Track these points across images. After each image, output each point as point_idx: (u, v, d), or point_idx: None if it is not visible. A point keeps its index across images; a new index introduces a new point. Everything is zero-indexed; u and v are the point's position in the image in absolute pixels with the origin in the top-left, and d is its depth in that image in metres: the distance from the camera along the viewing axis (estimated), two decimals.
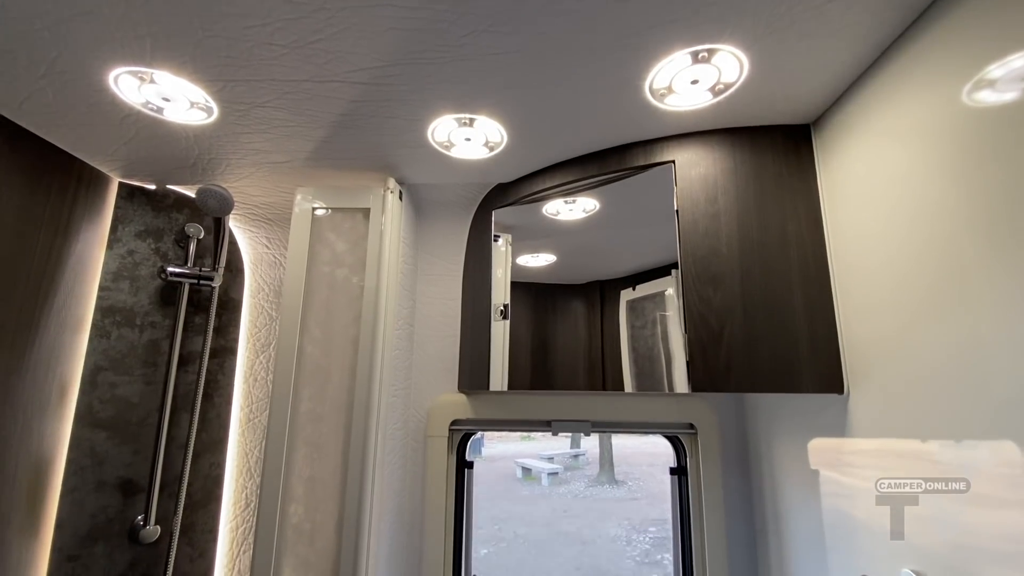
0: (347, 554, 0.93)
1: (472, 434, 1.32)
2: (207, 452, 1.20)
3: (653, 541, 5.06)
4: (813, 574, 0.94)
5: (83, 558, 1.04)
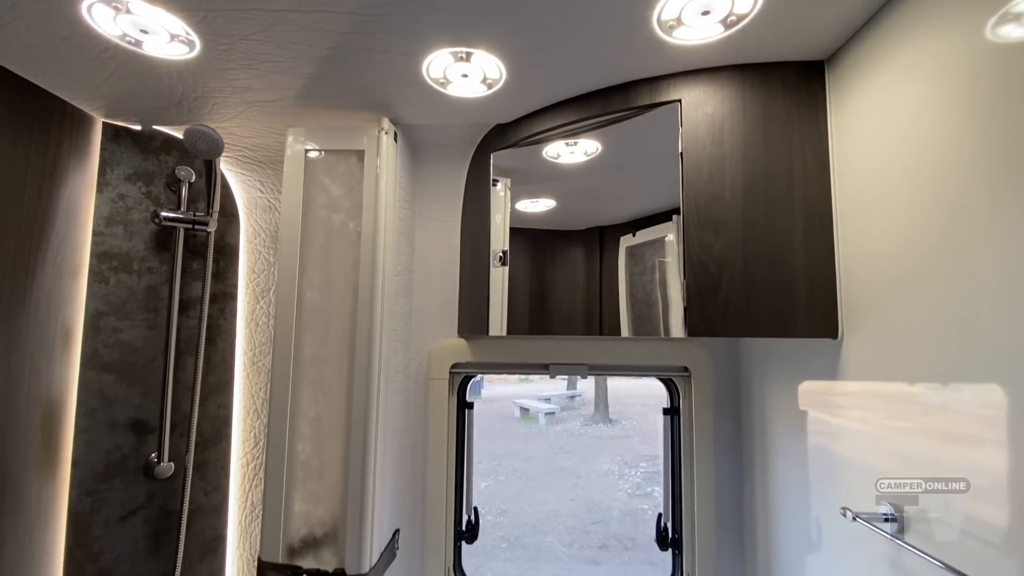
0: (354, 488, 0.98)
1: (472, 377, 1.35)
2: (214, 394, 1.24)
3: (644, 475, 5.34)
4: (795, 507, 1.00)
5: (102, 492, 1.09)
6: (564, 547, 3.84)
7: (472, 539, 1.34)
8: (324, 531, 1.01)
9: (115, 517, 1.10)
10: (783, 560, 1.04)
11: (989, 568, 0.58)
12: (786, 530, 1.04)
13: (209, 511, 1.22)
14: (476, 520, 1.34)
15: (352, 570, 0.97)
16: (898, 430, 0.75)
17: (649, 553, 3.68)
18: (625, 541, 3.94)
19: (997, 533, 0.59)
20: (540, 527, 4.16)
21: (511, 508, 4.54)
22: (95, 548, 1.07)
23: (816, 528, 0.93)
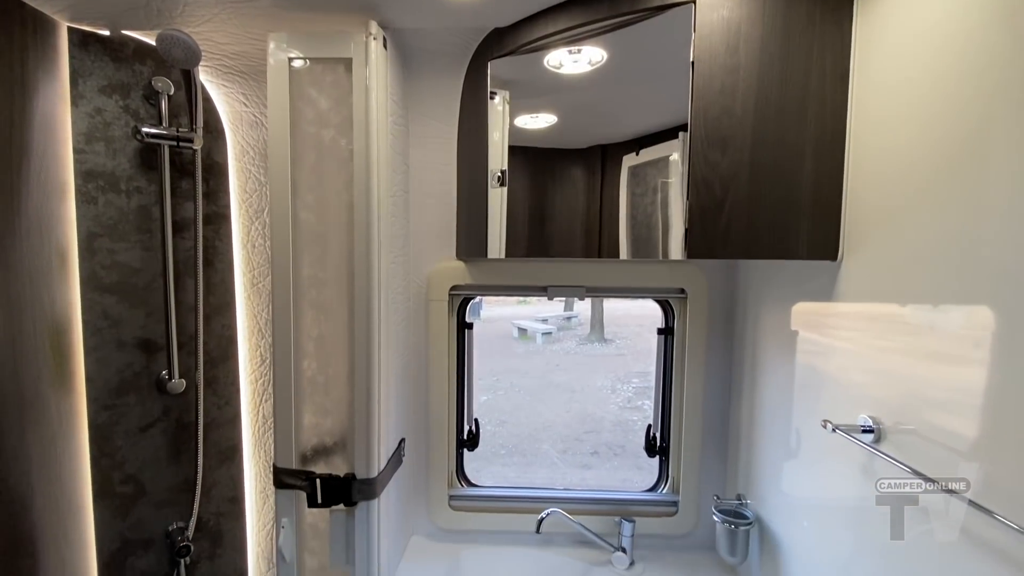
0: (360, 402, 1.03)
1: (471, 299, 1.37)
2: (217, 315, 1.26)
3: (635, 390, 5.61)
4: (778, 419, 1.06)
5: (119, 407, 1.14)
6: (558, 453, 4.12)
7: (473, 447, 1.43)
8: (334, 440, 1.07)
9: (134, 429, 1.16)
10: (762, 466, 1.12)
11: (952, 472, 0.63)
12: (768, 440, 1.10)
13: (223, 423, 1.29)
14: (477, 430, 1.43)
15: (362, 474, 1.04)
16: (884, 350, 0.78)
17: (637, 459, 3.96)
18: (615, 448, 4.23)
19: (964, 442, 0.63)
20: (536, 436, 4.44)
21: (510, 419, 4.81)
22: (118, 457, 1.14)
23: (796, 438, 0.99)
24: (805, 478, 0.97)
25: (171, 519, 1.22)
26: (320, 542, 1.08)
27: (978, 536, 0.60)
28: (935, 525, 0.66)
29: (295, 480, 1.04)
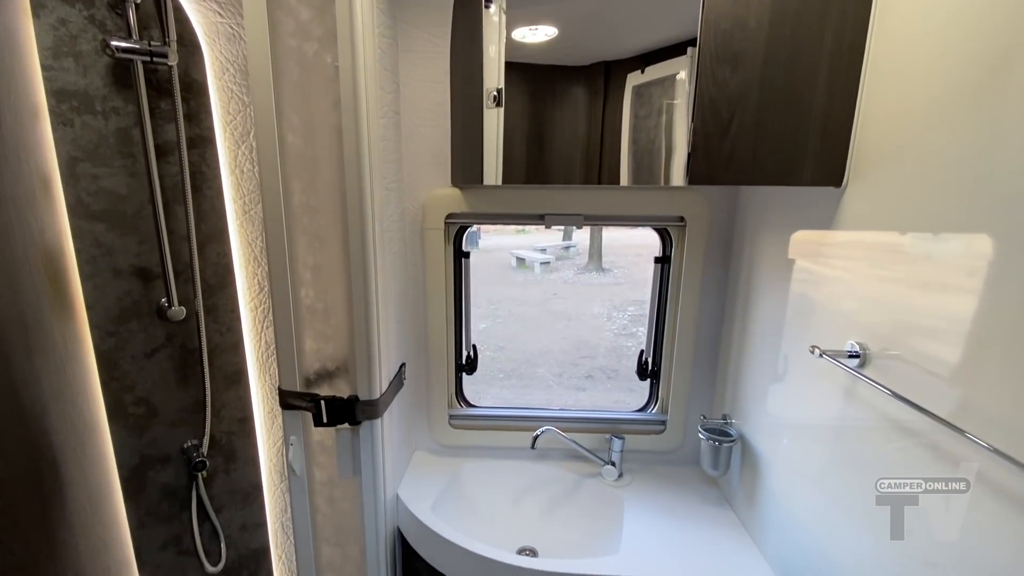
0: (359, 329, 1.05)
1: (467, 227, 1.35)
2: (210, 243, 1.24)
3: (631, 318, 5.73)
4: (767, 345, 1.09)
5: (122, 333, 1.16)
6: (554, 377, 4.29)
7: (472, 371, 1.48)
8: (336, 365, 1.10)
9: (140, 354, 1.19)
10: (749, 389, 1.17)
11: (933, 397, 0.65)
12: (756, 365, 1.14)
13: (227, 349, 1.32)
14: (475, 355, 1.47)
15: (364, 396, 1.08)
16: (878, 278, 0.78)
17: (629, 382, 4.13)
18: (608, 372, 4.39)
19: (947, 368, 0.65)
20: (533, 361, 4.59)
21: (507, 345, 4.95)
22: (127, 381, 1.18)
23: (784, 363, 1.02)
24: (789, 400, 1.02)
25: (185, 438, 1.28)
26: (328, 457, 1.15)
27: (947, 452, 0.63)
28: (907, 443, 0.70)
29: (300, 402, 1.08)
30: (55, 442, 1.03)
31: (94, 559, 1.14)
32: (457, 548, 1.09)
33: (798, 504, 0.97)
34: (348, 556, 1.20)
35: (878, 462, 0.76)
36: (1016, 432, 0.55)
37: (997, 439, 0.55)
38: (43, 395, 1.01)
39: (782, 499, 1.02)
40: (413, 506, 1.20)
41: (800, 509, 0.96)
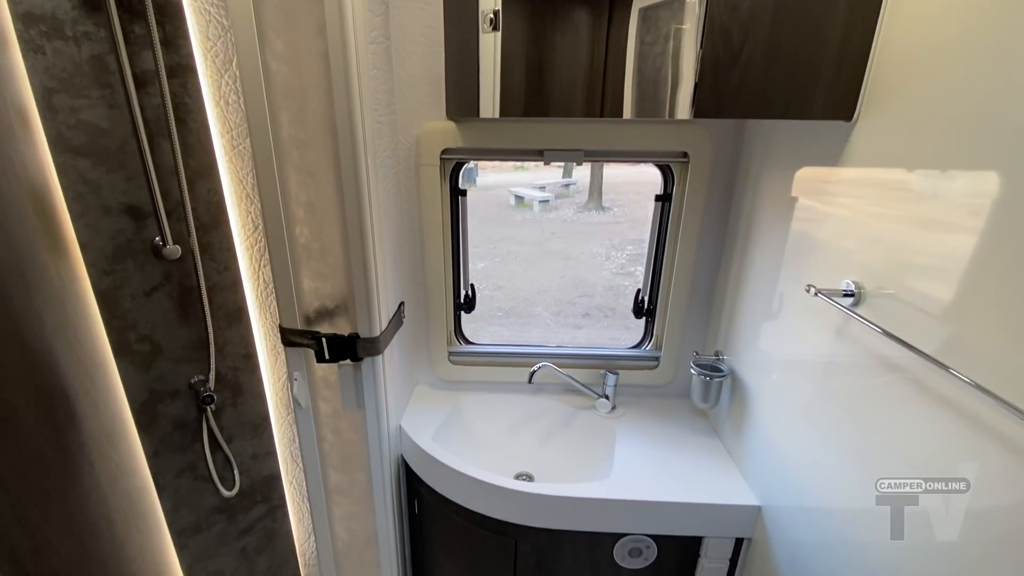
0: (357, 268, 1.05)
1: (464, 163, 1.32)
2: (200, 179, 1.21)
3: (629, 257, 5.73)
4: (763, 284, 1.09)
5: (119, 272, 1.16)
6: (551, 316, 4.35)
7: (470, 309, 1.50)
8: (335, 303, 1.11)
9: (139, 293, 1.19)
10: (742, 326, 1.19)
11: (921, 335, 0.66)
12: (750, 303, 1.15)
13: (226, 287, 1.32)
14: (473, 294, 1.48)
15: (364, 334, 1.10)
16: (880, 217, 0.77)
17: (625, 320, 4.20)
18: (605, 311, 4.46)
19: (938, 306, 0.65)
20: (531, 300, 4.64)
21: (506, 285, 4.99)
22: (129, 319, 1.19)
23: (778, 301, 1.03)
24: (781, 337, 1.04)
25: (191, 373, 1.31)
26: (332, 392, 1.19)
27: (932, 389, 0.66)
28: (892, 378, 0.72)
29: (301, 339, 1.10)
30: (63, 377, 1.06)
31: (114, 484, 1.20)
32: (458, 474, 1.15)
33: (782, 435, 1.02)
34: (355, 481, 1.27)
35: (861, 397, 0.79)
36: (999, 368, 0.56)
37: (979, 375, 0.56)
38: (46, 332, 1.02)
39: (767, 430, 1.07)
40: (416, 436, 1.26)
41: (783, 439, 1.01)
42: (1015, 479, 0.54)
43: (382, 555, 1.33)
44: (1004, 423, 0.55)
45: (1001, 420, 0.55)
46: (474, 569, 1.27)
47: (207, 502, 1.43)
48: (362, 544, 1.33)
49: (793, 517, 0.96)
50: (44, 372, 1.03)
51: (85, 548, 1.13)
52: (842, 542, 0.82)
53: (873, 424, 0.76)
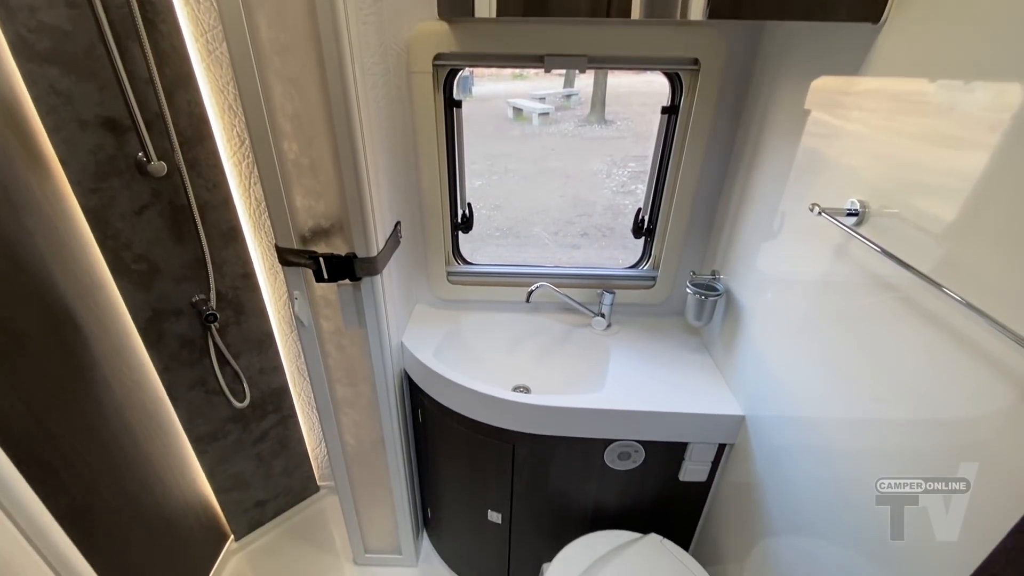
0: (349, 184, 1.01)
1: (458, 71, 1.23)
2: (178, 89, 1.14)
3: (630, 175, 5.58)
4: (767, 202, 1.07)
5: (105, 191, 1.12)
6: (549, 235, 4.33)
7: (467, 229, 1.48)
8: (330, 223, 1.09)
9: (129, 212, 1.17)
10: (741, 246, 1.19)
11: (919, 255, 0.66)
12: (752, 221, 1.14)
13: (217, 205, 1.29)
14: (470, 214, 1.46)
15: (362, 253, 1.09)
16: (893, 132, 0.73)
17: (624, 240, 4.19)
18: (604, 231, 4.43)
19: (940, 226, 0.64)
20: (529, 219, 4.59)
21: (504, 204, 4.90)
22: (122, 239, 1.18)
23: (780, 220, 1.02)
24: (779, 257, 1.04)
25: (192, 293, 1.33)
26: (332, 310, 1.21)
27: (924, 308, 0.67)
28: (884, 297, 0.73)
29: (299, 259, 1.10)
30: (64, 295, 1.07)
31: (130, 397, 1.26)
32: (459, 387, 1.20)
33: (770, 350, 1.05)
34: (360, 393, 1.33)
35: (852, 315, 0.80)
36: (991, 288, 0.56)
37: (971, 295, 0.57)
38: (41, 252, 1.02)
39: (757, 346, 1.11)
40: (417, 353, 1.30)
41: (771, 354, 1.05)
42: (996, 393, 0.56)
43: (389, 459, 1.43)
44: (991, 341, 0.56)
45: (988, 338, 0.57)
46: (475, 470, 1.37)
47: (220, 413, 1.51)
48: (369, 449, 1.42)
49: (773, 425, 1.02)
50: (45, 291, 1.03)
51: (110, 455, 1.21)
52: (816, 446, 0.88)
53: (861, 341, 0.78)
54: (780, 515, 0.99)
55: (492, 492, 1.37)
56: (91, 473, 1.13)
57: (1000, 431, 0.54)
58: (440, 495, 1.55)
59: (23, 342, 0.98)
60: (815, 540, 0.87)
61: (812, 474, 0.89)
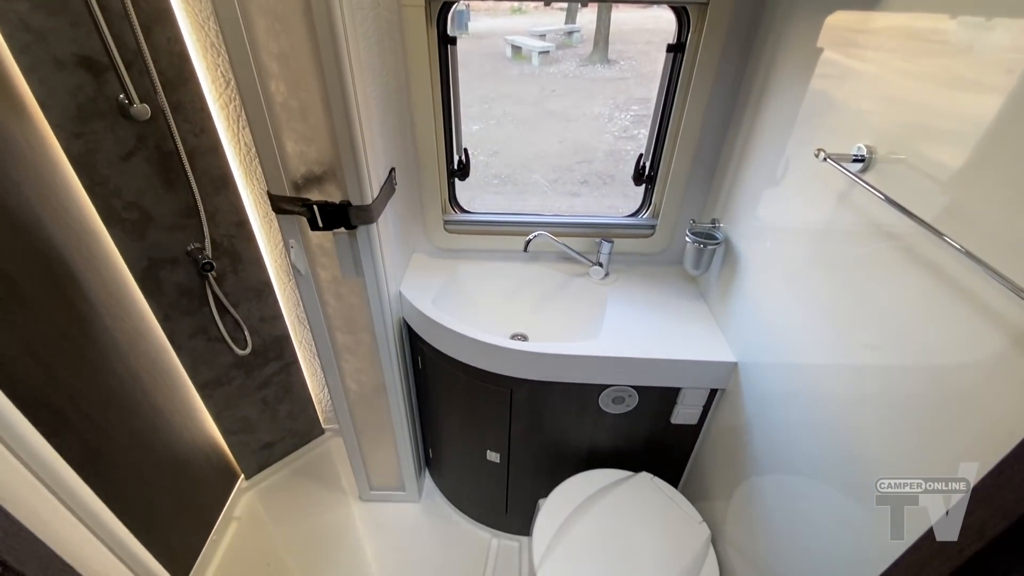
0: (340, 128, 0.98)
1: (452, 3, 1.16)
2: (155, 24, 1.08)
3: (633, 119, 5.41)
4: (772, 147, 1.04)
5: (88, 135, 1.09)
6: (549, 183, 4.25)
7: (464, 176, 1.45)
8: (323, 169, 1.06)
9: (115, 158, 1.14)
10: (743, 194, 1.17)
11: (923, 203, 0.65)
12: (755, 169, 1.11)
13: (206, 151, 1.26)
14: (467, 160, 1.42)
15: (356, 201, 1.07)
16: (907, 73, 0.70)
17: (624, 188, 4.12)
18: (604, 178, 4.34)
19: (946, 173, 0.63)
20: (528, 166, 4.49)
21: (502, 150, 4.78)
22: (111, 185, 1.15)
23: (784, 166, 1.00)
24: (781, 204, 1.02)
25: (187, 241, 1.32)
26: (329, 259, 1.20)
27: (923, 257, 0.66)
28: (883, 246, 0.73)
29: (292, 206, 1.08)
30: (57, 245, 1.06)
31: (133, 345, 1.28)
32: (457, 335, 1.22)
33: (766, 298, 1.06)
34: (361, 341, 1.35)
35: (849, 264, 0.80)
36: (994, 237, 0.56)
37: (972, 244, 0.56)
38: (29, 199, 1.00)
39: (753, 294, 1.11)
40: (416, 301, 1.31)
41: (767, 302, 1.05)
42: (987, 341, 0.57)
43: (391, 404, 1.47)
44: (986, 290, 0.56)
45: (983, 287, 0.57)
46: (474, 414, 1.41)
47: (223, 360, 1.54)
48: (372, 394, 1.46)
49: (765, 372, 1.05)
50: (36, 239, 1.02)
51: (117, 399, 1.24)
52: (804, 392, 0.90)
53: (856, 289, 0.79)
54: (765, 456, 1.03)
55: (491, 434, 1.42)
56: (100, 417, 1.17)
57: (989, 377, 0.56)
58: (441, 437, 1.61)
59: (20, 292, 0.98)
60: (797, 479, 0.91)
61: (798, 419, 0.92)
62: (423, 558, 1.64)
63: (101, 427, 1.17)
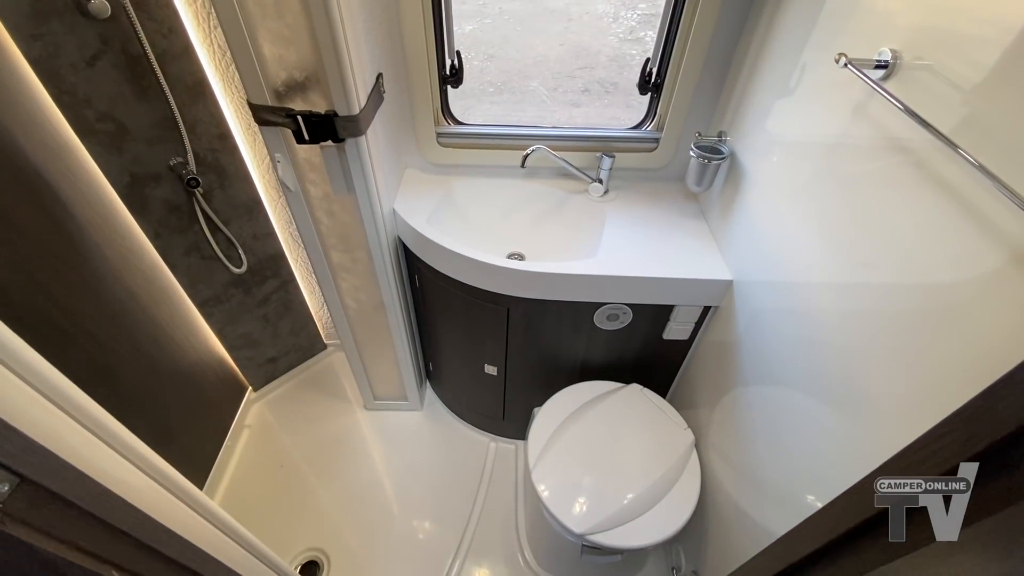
0: (321, 27, 0.90)
1: None
2: None
3: (640, 18, 4.98)
4: (788, 53, 0.97)
5: (46, 36, 0.99)
6: (548, 91, 4.01)
7: (457, 83, 1.35)
8: (304, 75, 0.99)
9: (80, 63, 1.05)
10: (753, 104, 1.10)
11: (944, 113, 0.61)
12: (768, 76, 1.04)
13: (178, 55, 1.16)
14: (460, 64, 1.32)
15: (343, 111, 1.01)
16: None
17: (628, 97, 3.90)
18: (607, 86, 4.09)
19: (968, 81, 0.59)
20: (526, 72, 4.21)
21: (498, 53, 4.45)
22: (80, 95, 1.08)
23: (799, 74, 0.93)
24: (792, 116, 0.97)
25: (169, 155, 1.26)
26: (318, 175, 1.16)
27: (933, 171, 0.64)
28: (895, 160, 0.70)
29: (275, 117, 1.02)
30: (32, 160, 1.01)
31: (128, 263, 1.27)
32: (453, 254, 1.21)
33: (767, 215, 1.04)
34: (357, 259, 1.34)
35: (856, 180, 0.78)
36: (1009, 150, 0.53)
37: (986, 157, 0.54)
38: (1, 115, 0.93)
39: (754, 211, 1.09)
40: (410, 220, 1.28)
41: (768, 219, 1.04)
42: (984, 257, 0.56)
43: (390, 321, 1.50)
44: (992, 204, 0.55)
45: (990, 202, 0.55)
46: (472, 331, 1.45)
47: (220, 278, 1.54)
48: (371, 311, 1.48)
49: (759, 290, 1.06)
50: (9, 156, 0.97)
51: (118, 316, 1.25)
52: (796, 309, 0.92)
53: (859, 206, 0.77)
54: (754, 368, 1.07)
55: (488, 349, 1.47)
56: (102, 333, 1.19)
57: (982, 292, 0.56)
58: (440, 352, 1.66)
59: (7, 214, 0.95)
60: (783, 389, 0.96)
61: (787, 333, 0.94)
62: (427, 459, 1.77)
63: (104, 344, 1.19)
